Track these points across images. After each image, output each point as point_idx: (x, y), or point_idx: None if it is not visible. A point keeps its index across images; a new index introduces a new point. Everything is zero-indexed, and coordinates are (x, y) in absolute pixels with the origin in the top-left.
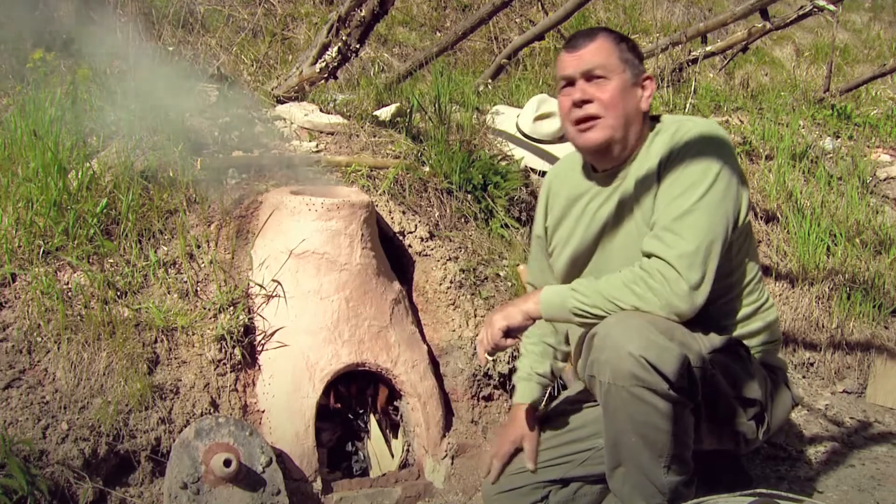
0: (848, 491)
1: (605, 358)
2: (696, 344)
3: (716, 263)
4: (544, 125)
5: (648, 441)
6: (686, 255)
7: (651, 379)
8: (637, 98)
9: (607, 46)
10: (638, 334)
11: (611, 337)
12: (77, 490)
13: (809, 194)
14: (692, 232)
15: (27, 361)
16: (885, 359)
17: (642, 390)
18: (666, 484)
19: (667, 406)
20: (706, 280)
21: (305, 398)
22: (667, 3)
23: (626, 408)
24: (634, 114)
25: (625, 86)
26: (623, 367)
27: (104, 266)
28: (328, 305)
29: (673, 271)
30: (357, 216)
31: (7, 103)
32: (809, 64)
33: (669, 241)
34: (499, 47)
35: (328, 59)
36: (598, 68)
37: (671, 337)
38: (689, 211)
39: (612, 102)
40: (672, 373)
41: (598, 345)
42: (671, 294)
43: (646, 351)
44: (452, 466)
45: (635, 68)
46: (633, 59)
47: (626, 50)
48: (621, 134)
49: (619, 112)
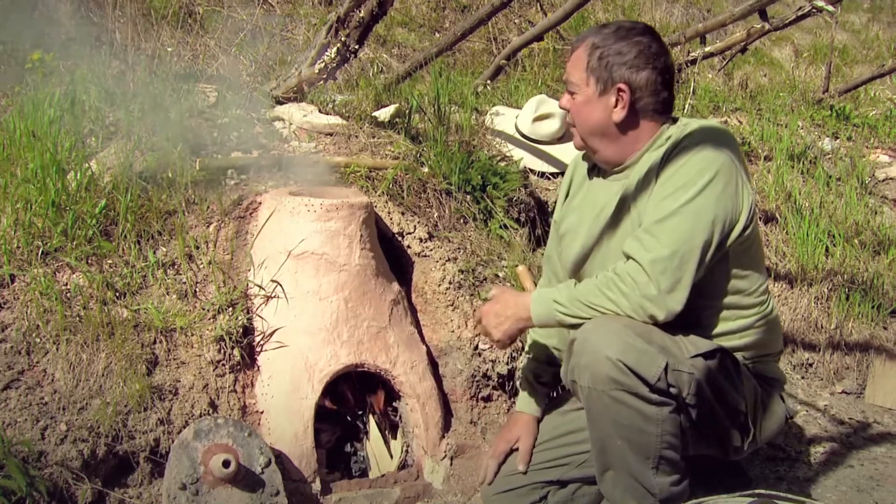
0: (847, 491)
1: (585, 363)
2: (677, 347)
3: (695, 269)
4: (543, 126)
5: (634, 444)
6: (659, 260)
7: (630, 382)
8: (605, 109)
9: (580, 57)
10: (616, 338)
11: (589, 342)
12: (76, 491)
13: (808, 195)
14: (671, 236)
15: (26, 362)
16: (883, 359)
17: (622, 393)
18: (656, 485)
19: (649, 408)
20: (681, 286)
21: (304, 399)
22: (666, 4)
23: (609, 412)
24: (605, 126)
25: (587, 100)
26: (601, 371)
27: (103, 267)
28: (327, 306)
29: (644, 275)
30: (356, 217)
31: (6, 104)
32: (808, 65)
33: (646, 244)
34: (498, 48)
35: (327, 60)
36: (570, 82)
37: (649, 340)
38: (673, 214)
39: (577, 116)
40: (651, 376)
41: (577, 350)
42: (641, 298)
43: (623, 354)
44: (451, 467)
45: (604, 79)
46: (604, 69)
47: (598, 59)
48: (592, 144)
49: (584, 126)
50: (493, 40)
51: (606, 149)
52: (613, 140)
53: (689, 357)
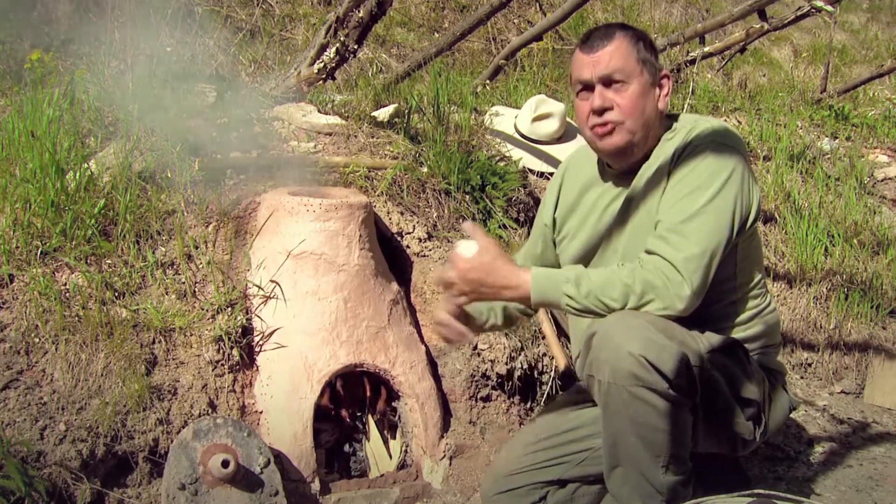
0: (846, 491)
1: (605, 357)
2: (695, 343)
3: (716, 267)
4: (542, 126)
5: (647, 441)
6: (692, 259)
7: (651, 378)
8: (655, 98)
9: (625, 48)
10: (637, 334)
11: (610, 336)
12: (75, 491)
13: (807, 195)
14: (699, 235)
15: (25, 362)
16: (882, 359)
17: (642, 390)
18: (664, 484)
19: (666, 405)
20: (707, 283)
21: (303, 399)
22: (665, 4)
23: (626, 408)
24: (654, 115)
25: (644, 88)
26: (623, 366)
27: (102, 267)
28: (326, 306)
29: (677, 274)
30: (355, 217)
31: (5, 104)
32: (807, 65)
33: (675, 243)
34: (497, 48)
35: (326, 60)
36: (617, 72)
37: (670, 336)
38: (698, 213)
39: (632, 108)
40: (671, 371)
41: (597, 344)
42: (674, 297)
43: (645, 350)
44: (450, 467)
45: (653, 67)
46: (651, 58)
47: (644, 49)
48: (641, 137)
49: (639, 116)
50: (492, 40)
51: (645, 142)
52: (655, 131)
53: (706, 352)
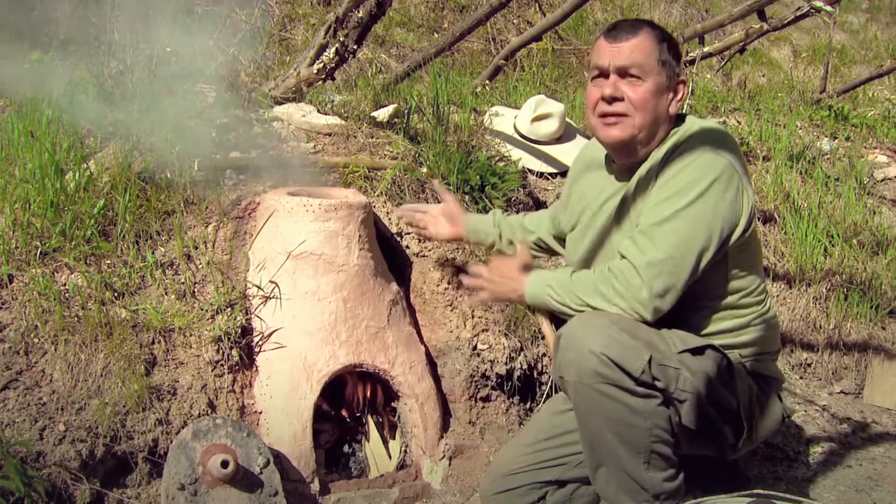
0: (845, 491)
1: (570, 358)
2: (663, 343)
3: (689, 274)
4: (542, 126)
5: (624, 438)
6: (654, 264)
7: (615, 375)
8: (668, 101)
9: (648, 45)
10: (600, 332)
11: (574, 336)
12: (74, 491)
13: (807, 195)
14: (667, 240)
15: (24, 362)
16: (882, 359)
17: (608, 387)
18: (648, 480)
19: (635, 401)
20: (672, 290)
21: (303, 399)
22: (664, 4)
23: (596, 406)
24: (663, 117)
25: (658, 88)
26: (587, 365)
27: (101, 267)
28: (326, 306)
29: (637, 278)
30: (354, 217)
31: (4, 104)
32: (807, 65)
33: (642, 247)
34: (496, 48)
35: (326, 60)
36: (635, 67)
37: (634, 335)
38: (671, 218)
39: (643, 104)
40: (635, 369)
41: (563, 345)
42: (632, 300)
43: (607, 348)
44: (450, 467)
45: (672, 71)
46: (671, 61)
47: (667, 51)
48: (645, 135)
49: (648, 114)
50: (491, 40)
51: (648, 142)
52: (661, 132)
53: (676, 352)
